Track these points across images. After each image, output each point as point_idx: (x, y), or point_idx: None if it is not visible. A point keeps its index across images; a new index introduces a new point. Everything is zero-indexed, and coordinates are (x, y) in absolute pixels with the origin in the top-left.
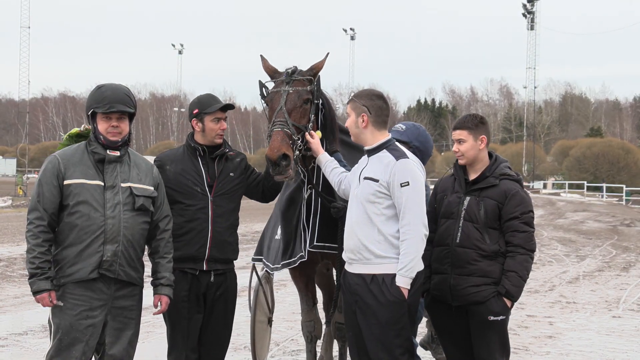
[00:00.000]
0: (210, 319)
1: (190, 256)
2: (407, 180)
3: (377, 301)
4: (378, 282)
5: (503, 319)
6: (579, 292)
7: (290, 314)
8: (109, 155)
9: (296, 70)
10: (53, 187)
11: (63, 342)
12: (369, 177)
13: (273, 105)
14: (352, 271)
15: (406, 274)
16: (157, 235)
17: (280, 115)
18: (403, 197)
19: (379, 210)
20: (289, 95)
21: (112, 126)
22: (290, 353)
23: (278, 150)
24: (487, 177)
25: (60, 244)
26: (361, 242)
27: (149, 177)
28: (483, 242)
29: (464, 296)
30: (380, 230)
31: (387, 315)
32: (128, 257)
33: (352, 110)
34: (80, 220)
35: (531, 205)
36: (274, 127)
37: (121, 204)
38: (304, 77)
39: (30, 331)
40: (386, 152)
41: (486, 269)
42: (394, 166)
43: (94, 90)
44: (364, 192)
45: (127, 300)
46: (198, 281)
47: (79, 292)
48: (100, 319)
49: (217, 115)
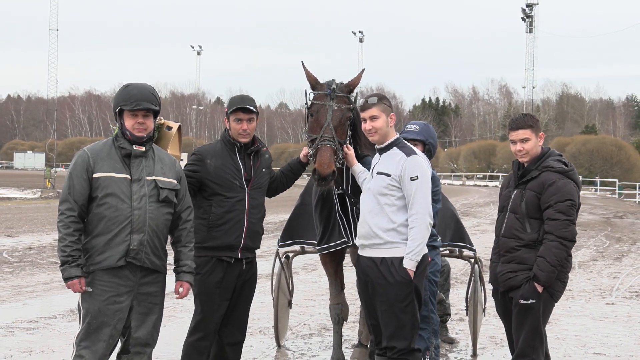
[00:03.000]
0: (237, 303)
1: (228, 245)
2: (417, 174)
3: (386, 281)
4: (387, 264)
5: (533, 302)
6: (575, 280)
7: (302, 300)
8: (135, 150)
9: (337, 84)
10: (83, 179)
11: (92, 325)
12: (381, 172)
13: (319, 118)
14: (364, 255)
15: (413, 257)
16: (180, 225)
17: (328, 131)
18: (412, 189)
19: (391, 201)
20: (335, 112)
21: (138, 123)
22: (302, 337)
23: (328, 167)
24: (531, 171)
25: (90, 233)
26: (372, 229)
27: (172, 171)
28: (522, 231)
29: (503, 282)
30: (391, 219)
31: (394, 293)
32: (153, 246)
33: (381, 112)
34: (108, 211)
35: (570, 195)
36: (322, 142)
37: (147, 196)
38: (346, 95)
39: (59, 315)
40: (397, 149)
41: (523, 256)
42: (405, 162)
43: (121, 89)
44: (377, 186)
45: (152, 286)
46: (232, 269)
47: (107, 278)
48: (126, 304)
49: (238, 116)
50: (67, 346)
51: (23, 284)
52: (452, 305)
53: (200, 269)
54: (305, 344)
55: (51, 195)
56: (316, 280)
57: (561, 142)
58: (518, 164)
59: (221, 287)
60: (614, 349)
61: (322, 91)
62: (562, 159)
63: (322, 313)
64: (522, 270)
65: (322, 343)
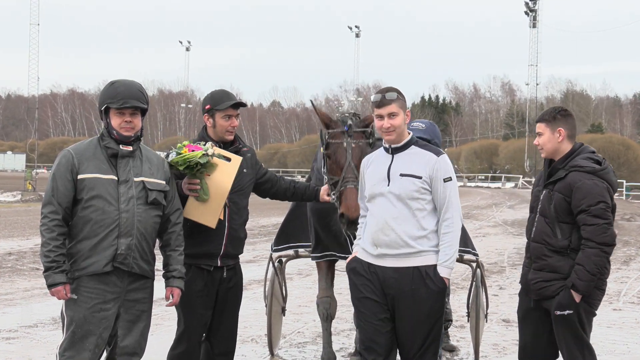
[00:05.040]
0: (223, 312)
1: (207, 253)
2: (449, 175)
3: (420, 293)
4: (420, 274)
5: (570, 313)
6: None
7: (296, 306)
8: (122, 150)
9: (351, 119)
10: (67, 181)
11: (76, 334)
12: (408, 174)
13: (338, 158)
14: (385, 265)
15: (450, 265)
16: (169, 229)
17: (349, 171)
18: (447, 191)
19: (422, 205)
20: (354, 149)
21: (126, 121)
22: (296, 345)
23: (356, 210)
24: (558, 170)
25: (75, 237)
26: (400, 237)
27: (161, 172)
28: (553, 237)
29: (536, 290)
30: (422, 225)
31: (429, 305)
32: (141, 251)
33: (400, 109)
34: (94, 214)
35: (601, 196)
36: (346, 183)
37: (134, 198)
38: (362, 130)
39: (41, 323)
40: (417, 149)
41: (555, 265)
42: (436, 162)
43: (107, 86)
44: (405, 189)
45: (140, 292)
46: (212, 277)
47: (93, 285)
48: (113, 312)
49: (228, 113)
50: (50, 356)
51: (2, 291)
52: (453, 312)
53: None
54: (300, 353)
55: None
56: (311, 286)
57: None
58: (549, 162)
59: (202, 295)
60: (622, 357)
61: (338, 129)
62: (595, 157)
63: (317, 320)
64: (556, 279)
65: (317, 352)
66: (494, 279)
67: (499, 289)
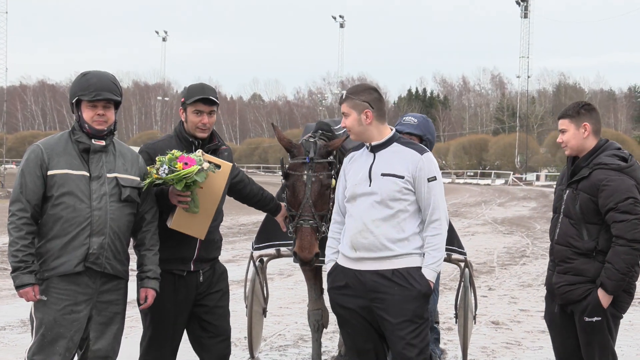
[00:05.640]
0: (210, 314)
1: (179, 257)
2: (434, 174)
3: (402, 295)
4: (402, 275)
5: (599, 320)
6: None
7: (277, 308)
8: (94, 144)
9: (314, 147)
10: (36, 177)
11: (46, 337)
12: (390, 174)
13: (297, 193)
14: (365, 268)
15: (437, 268)
16: (143, 227)
17: (307, 209)
18: (432, 192)
19: (404, 207)
20: (313, 184)
21: (98, 114)
22: (277, 349)
23: (309, 252)
24: (581, 168)
25: (44, 236)
26: (379, 240)
27: (135, 167)
28: (578, 239)
29: (561, 295)
30: (402, 228)
31: (412, 308)
32: (114, 250)
33: (351, 109)
34: (65, 211)
35: (629, 191)
36: (302, 222)
37: (107, 194)
38: (325, 161)
39: (9, 326)
40: (400, 146)
41: (580, 267)
42: (420, 161)
43: (78, 77)
44: (387, 190)
45: (113, 294)
46: (185, 282)
47: (64, 286)
48: (84, 314)
49: (198, 108)
50: None
51: None
52: (441, 313)
53: None
54: (281, 356)
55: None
56: (292, 286)
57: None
58: (572, 159)
59: (175, 301)
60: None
61: (299, 159)
62: (620, 153)
63: (299, 322)
64: (581, 282)
65: (299, 355)
66: (483, 279)
67: (488, 290)
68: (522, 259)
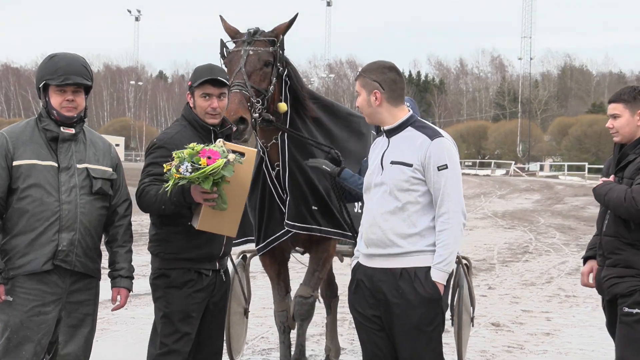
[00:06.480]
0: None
1: (209, 255)
2: (445, 162)
3: (407, 299)
4: (409, 276)
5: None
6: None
7: (260, 309)
8: (63, 132)
9: (258, 30)
10: (1, 168)
11: (12, 341)
12: (398, 162)
13: (232, 66)
14: (374, 266)
15: (445, 268)
16: (116, 222)
17: (239, 76)
18: (441, 181)
19: (414, 198)
20: (249, 56)
21: (67, 100)
22: (260, 352)
23: (235, 113)
24: (627, 155)
25: (9, 232)
26: (386, 236)
27: (107, 158)
28: (627, 228)
29: (607, 288)
30: (414, 222)
31: (419, 315)
32: (85, 247)
33: (362, 88)
34: (31, 205)
35: None
36: (232, 88)
37: (77, 187)
38: (267, 38)
39: None
40: (414, 131)
41: (630, 259)
42: (429, 147)
43: (45, 60)
44: (394, 179)
45: (83, 294)
46: (210, 283)
47: (30, 285)
48: (53, 315)
49: (206, 90)
50: None
51: None
52: None
53: (175, 282)
54: None
55: None
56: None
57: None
58: (619, 147)
59: (200, 303)
60: None
61: (240, 39)
62: None
63: None
64: (630, 275)
65: None
66: (482, 277)
67: (488, 289)
68: (524, 256)
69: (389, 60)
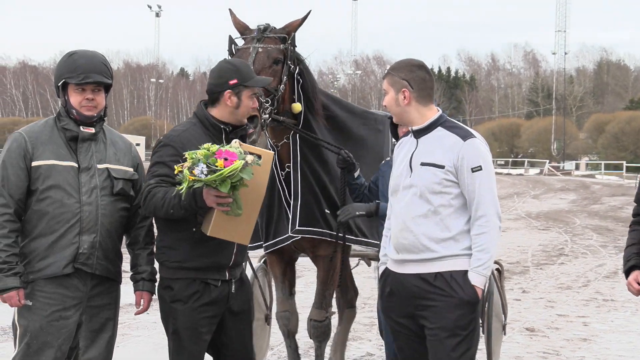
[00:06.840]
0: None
1: (217, 264)
2: (479, 164)
3: (444, 301)
4: (445, 279)
5: None
6: (618, 288)
7: None
8: (83, 132)
9: (269, 27)
10: (20, 169)
11: (32, 347)
12: (429, 163)
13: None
14: (406, 272)
15: (484, 272)
16: (138, 223)
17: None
18: (476, 183)
19: (447, 201)
20: (258, 54)
21: (87, 99)
22: (286, 358)
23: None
24: None
25: (29, 234)
26: (419, 240)
27: (128, 157)
28: None
29: None
30: (447, 225)
31: (454, 317)
32: (106, 249)
33: (390, 87)
34: (51, 207)
35: None
36: None
37: (98, 188)
38: (277, 35)
39: None
40: (444, 131)
41: None
42: (462, 148)
43: (65, 57)
44: (426, 182)
45: (104, 298)
46: (219, 294)
47: (51, 289)
48: (74, 320)
49: (255, 90)
50: None
51: None
52: None
53: (179, 295)
54: None
55: None
56: (303, 289)
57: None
58: None
59: (209, 318)
60: None
61: (250, 35)
62: None
63: None
64: None
65: None
66: (516, 280)
67: (522, 293)
68: (559, 258)
69: (418, 59)
